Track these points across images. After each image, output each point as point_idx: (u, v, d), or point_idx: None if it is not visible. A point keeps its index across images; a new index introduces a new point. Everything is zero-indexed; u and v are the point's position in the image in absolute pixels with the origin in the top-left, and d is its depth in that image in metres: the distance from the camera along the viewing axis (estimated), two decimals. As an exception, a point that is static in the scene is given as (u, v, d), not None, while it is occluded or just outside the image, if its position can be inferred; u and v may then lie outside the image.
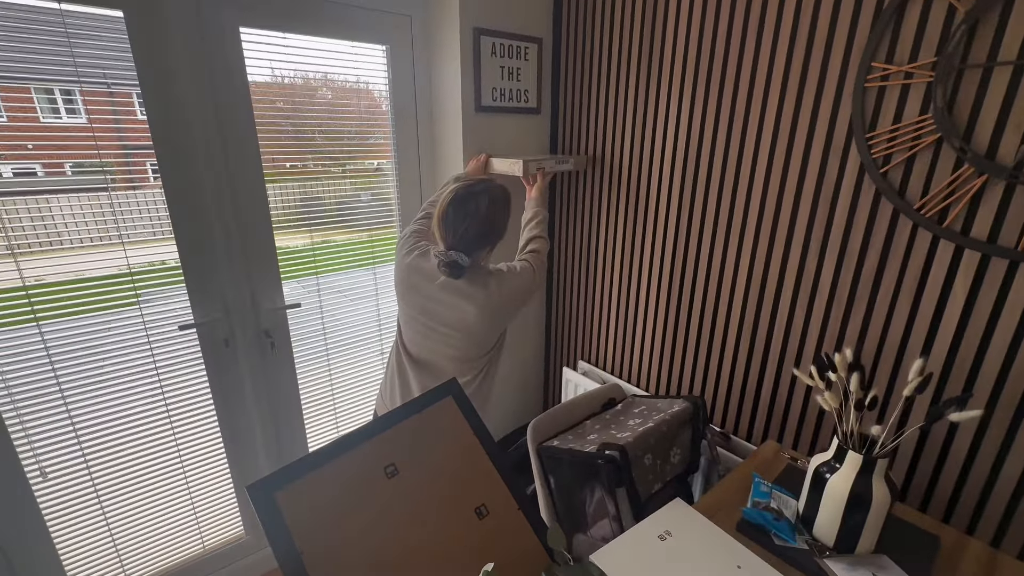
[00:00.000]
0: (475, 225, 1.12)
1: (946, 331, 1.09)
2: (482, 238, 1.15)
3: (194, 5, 1.24)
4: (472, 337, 1.24)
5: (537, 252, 1.32)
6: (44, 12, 1.10)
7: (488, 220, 1.13)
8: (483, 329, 1.23)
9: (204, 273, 1.41)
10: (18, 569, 1.30)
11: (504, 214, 1.19)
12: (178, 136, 1.29)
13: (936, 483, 1.16)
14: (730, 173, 1.38)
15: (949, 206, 1.03)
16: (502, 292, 1.19)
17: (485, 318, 1.20)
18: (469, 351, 1.26)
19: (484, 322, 1.21)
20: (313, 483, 0.78)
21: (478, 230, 1.13)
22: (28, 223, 1.19)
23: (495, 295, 1.18)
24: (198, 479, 1.55)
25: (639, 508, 1.15)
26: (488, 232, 1.15)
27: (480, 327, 1.22)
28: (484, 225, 1.13)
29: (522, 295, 1.24)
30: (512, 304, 1.24)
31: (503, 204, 1.18)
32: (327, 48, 1.50)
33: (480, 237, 1.14)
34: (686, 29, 1.39)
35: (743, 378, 1.48)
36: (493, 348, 1.32)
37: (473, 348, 1.26)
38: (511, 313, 1.27)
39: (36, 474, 1.29)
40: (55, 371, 1.25)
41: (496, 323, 1.25)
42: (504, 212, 1.19)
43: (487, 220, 1.13)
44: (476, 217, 1.12)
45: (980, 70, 0.95)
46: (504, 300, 1.21)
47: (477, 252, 1.16)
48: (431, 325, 1.24)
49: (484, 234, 1.14)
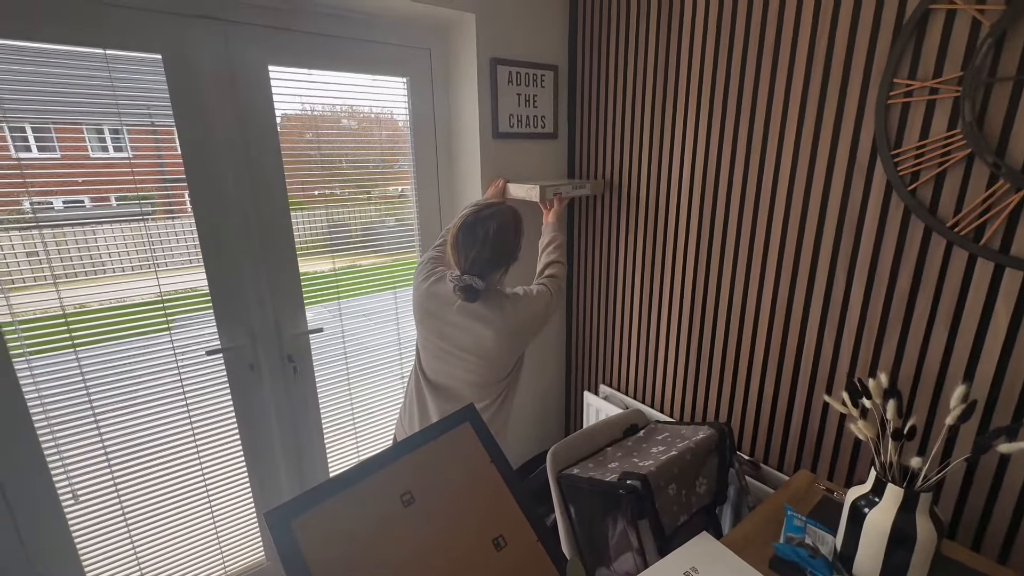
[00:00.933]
0: (486, 248, 1.13)
1: (990, 355, 1.02)
2: (494, 261, 1.15)
3: (225, 47, 1.32)
4: (489, 361, 1.23)
5: (555, 276, 1.32)
6: (90, 57, 1.19)
7: (499, 243, 1.14)
8: (500, 353, 1.22)
9: (231, 300, 1.46)
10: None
11: (514, 236, 1.19)
12: (209, 168, 1.36)
13: (989, 520, 1.08)
14: (751, 194, 1.36)
15: (986, 223, 0.99)
16: (518, 315, 1.19)
17: (502, 342, 1.20)
18: (487, 376, 1.26)
19: (501, 346, 1.21)
20: (329, 511, 0.77)
21: (490, 253, 1.14)
22: (75, 251, 1.26)
23: (511, 318, 1.18)
24: (221, 503, 1.57)
25: (663, 541, 1.10)
26: (499, 255, 1.16)
27: (497, 351, 1.21)
28: (495, 248, 1.14)
29: (538, 319, 1.24)
30: (528, 327, 1.23)
31: (513, 226, 1.18)
32: (350, 82, 1.56)
33: (492, 260, 1.15)
34: (700, 51, 1.40)
35: (772, 404, 1.42)
36: (511, 373, 1.31)
37: (491, 373, 1.26)
38: (528, 337, 1.26)
39: (68, 497, 1.33)
40: (90, 396, 1.30)
41: (513, 347, 1.24)
42: (514, 234, 1.19)
43: (498, 243, 1.14)
44: (486, 241, 1.13)
45: (1011, 83, 0.92)
46: (520, 323, 1.21)
47: (491, 275, 1.17)
48: (448, 349, 1.25)
49: (496, 257, 1.15)
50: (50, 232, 1.22)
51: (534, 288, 1.26)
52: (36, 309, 1.22)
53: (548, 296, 1.25)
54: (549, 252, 1.39)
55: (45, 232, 1.20)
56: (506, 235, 1.16)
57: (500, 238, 1.14)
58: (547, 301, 1.24)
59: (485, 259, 1.14)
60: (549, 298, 1.25)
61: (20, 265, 1.20)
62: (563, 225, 1.49)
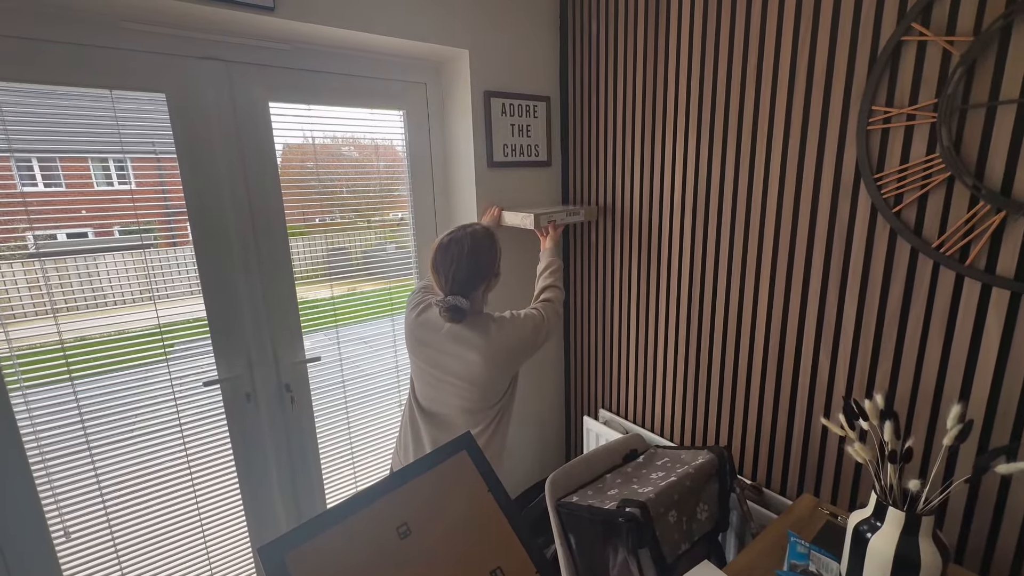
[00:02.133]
0: (463, 267, 1.16)
1: (984, 374, 1.03)
2: (472, 278, 1.18)
3: (228, 86, 1.37)
4: (479, 386, 1.24)
5: (550, 301, 1.34)
6: (96, 96, 1.23)
7: (474, 260, 1.17)
8: (489, 377, 1.23)
9: (229, 329, 1.46)
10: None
11: (488, 250, 1.21)
12: (209, 200, 1.39)
13: (995, 543, 1.06)
14: (740, 218, 1.38)
15: (970, 243, 1.00)
16: (504, 338, 1.20)
17: (489, 366, 1.20)
18: (478, 401, 1.26)
19: (489, 370, 1.21)
20: (324, 545, 0.76)
21: (466, 270, 1.17)
22: (76, 283, 1.27)
23: (497, 341, 1.20)
24: (216, 537, 1.54)
25: (665, 571, 1.07)
26: (476, 271, 1.18)
27: (485, 375, 1.22)
28: (471, 264, 1.17)
29: (526, 341, 1.24)
30: (516, 350, 1.23)
31: (485, 242, 1.21)
32: (348, 116, 1.61)
33: (470, 277, 1.18)
34: (687, 79, 1.45)
35: (771, 426, 1.41)
36: (503, 397, 1.30)
37: (482, 398, 1.26)
38: (517, 360, 1.26)
39: (60, 534, 1.30)
40: (85, 429, 1.29)
41: (501, 370, 1.24)
42: (487, 248, 1.21)
43: (473, 260, 1.17)
44: (462, 258, 1.16)
45: (984, 109, 0.95)
46: (507, 346, 1.21)
47: (472, 292, 1.19)
48: (439, 376, 1.26)
49: (473, 273, 1.18)
50: (52, 264, 1.23)
51: (523, 312, 1.27)
52: (34, 342, 1.23)
53: (539, 319, 1.26)
54: (545, 277, 1.41)
55: (47, 263, 1.22)
56: (480, 251, 1.19)
57: (474, 255, 1.18)
58: (536, 324, 1.25)
59: (463, 277, 1.17)
60: (540, 321, 1.26)
61: (21, 297, 1.21)
62: (559, 251, 1.51)
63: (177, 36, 1.29)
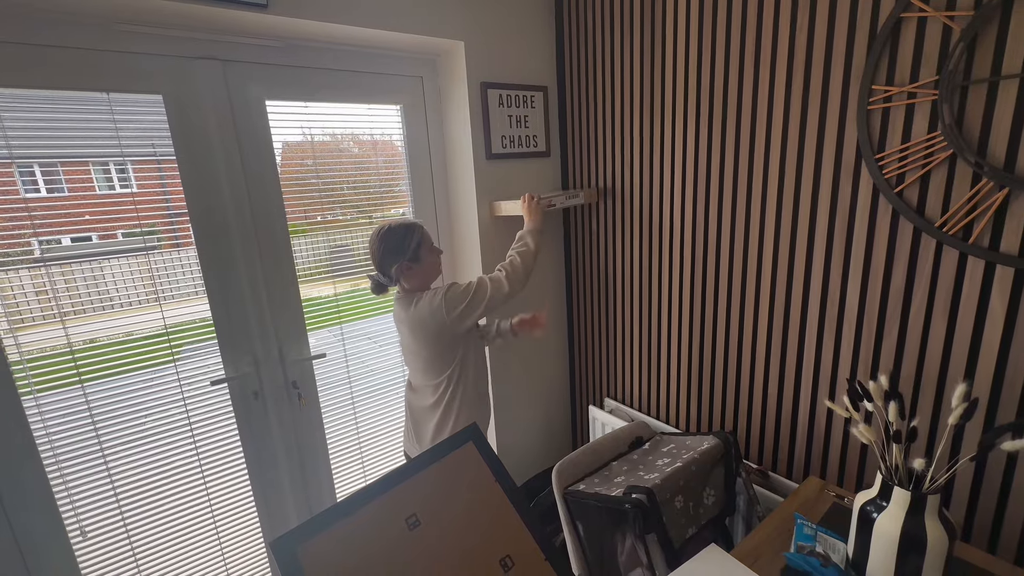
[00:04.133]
0: (377, 246, 1.35)
1: (988, 352, 1.02)
2: (386, 257, 1.35)
3: (224, 85, 1.37)
4: (418, 356, 1.39)
5: (502, 266, 1.43)
6: (95, 101, 1.23)
7: (384, 240, 1.34)
8: (419, 346, 1.37)
9: (234, 328, 1.47)
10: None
11: (399, 237, 1.35)
12: (210, 200, 1.39)
13: (1002, 521, 1.06)
14: (741, 202, 1.37)
15: (973, 221, 1.00)
16: (417, 308, 1.34)
17: (412, 334, 1.37)
18: (425, 370, 1.40)
19: (413, 339, 1.37)
20: (334, 537, 0.78)
21: (379, 249, 1.35)
22: (83, 287, 1.28)
23: (412, 312, 1.35)
24: (229, 533, 1.56)
25: (672, 555, 1.08)
26: (387, 251, 1.34)
27: (415, 344, 1.38)
28: (382, 244, 1.34)
29: (438, 311, 1.31)
30: (433, 318, 1.32)
31: (399, 230, 1.36)
32: (346, 111, 1.61)
33: (384, 256, 1.35)
34: (684, 62, 1.43)
35: (776, 410, 1.41)
36: (452, 365, 1.38)
37: (425, 369, 1.40)
38: (437, 327, 1.33)
39: (76, 533, 1.33)
40: (97, 431, 1.31)
41: (425, 338, 1.35)
42: (399, 236, 1.35)
43: (383, 240, 1.34)
44: (376, 240, 1.36)
45: (986, 85, 0.94)
46: (421, 316, 1.33)
47: (386, 268, 1.36)
48: (402, 349, 1.48)
49: (385, 253, 1.35)
50: (58, 269, 1.24)
51: (450, 283, 1.37)
52: (44, 346, 1.24)
53: (470, 286, 1.35)
54: (514, 247, 1.49)
55: (53, 269, 1.23)
56: (392, 234, 1.35)
57: (387, 235, 1.35)
58: (462, 291, 1.34)
59: (379, 257, 1.36)
60: (471, 288, 1.35)
61: (29, 303, 1.23)
62: (536, 221, 1.53)
63: (172, 37, 1.29)
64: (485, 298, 1.34)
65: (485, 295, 1.34)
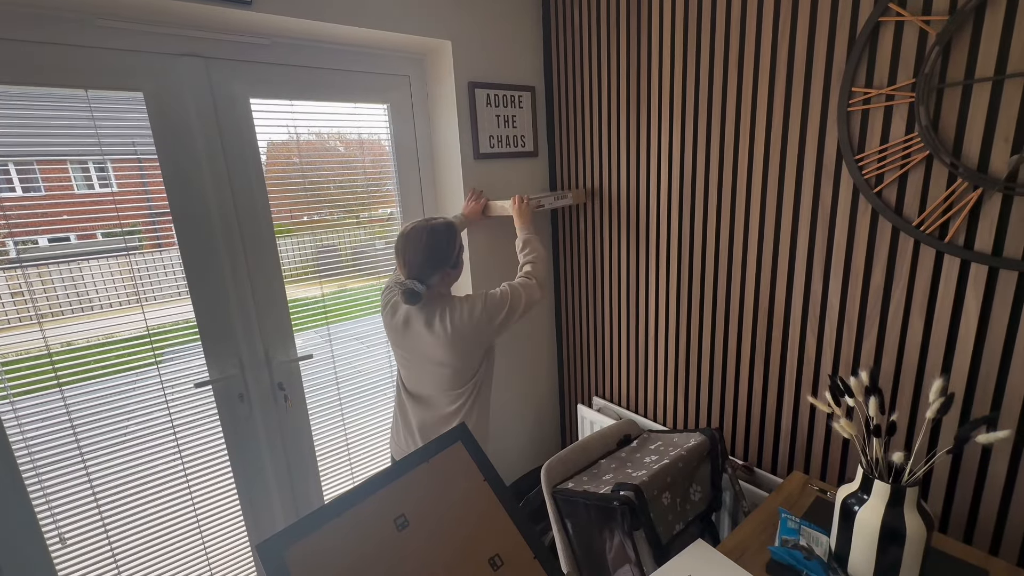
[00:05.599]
0: (420, 253, 1.24)
1: (964, 348, 1.05)
2: (428, 263, 1.24)
3: (207, 83, 1.34)
4: (448, 366, 1.30)
5: (527, 274, 1.39)
6: (73, 98, 1.21)
7: (429, 247, 1.24)
8: (454, 356, 1.28)
9: (219, 330, 1.45)
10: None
11: (445, 241, 1.27)
12: (193, 200, 1.37)
13: (978, 511, 1.09)
14: (726, 200, 1.39)
15: (948, 221, 1.02)
16: (455, 321, 1.25)
17: (447, 346, 1.26)
18: (451, 379, 1.32)
19: (450, 350, 1.27)
20: (322, 539, 0.77)
21: (423, 256, 1.24)
22: (61, 289, 1.25)
23: (449, 325, 1.25)
24: (214, 537, 1.54)
25: (660, 551, 1.09)
26: (431, 257, 1.24)
27: (449, 355, 1.28)
28: (427, 251, 1.24)
29: (480, 320, 1.26)
30: (471, 329, 1.26)
31: (444, 234, 1.28)
32: (332, 111, 1.59)
33: (426, 263, 1.24)
34: (670, 63, 1.45)
35: (761, 406, 1.44)
36: (477, 374, 1.35)
37: (453, 377, 1.31)
38: (476, 338, 1.28)
39: (55, 541, 1.29)
40: (76, 435, 1.28)
41: (464, 349, 1.28)
42: (445, 239, 1.27)
43: (429, 247, 1.24)
44: (419, 246, 1.24)
45: (960, 87, 0.97)
46: (463, 327, 1.25)
47: (429, 278, 1.25)
48: (413, 360, 1.34)
49: (428, 260, 1.24)
50: (35, 270, 1.21)
51: (488, 291, 1.30)
52: (20, 349, 1.21)
53: (500, 296, 1.29)
54: (524, 254, 1.46)
55: (30, 271, 1.20)
56: (437, 241, 1.26)
57: (431, 243, 1.25)
58: (494, 301, 1.28)
59: (420, 262, 1.24)
60: (500, 298, 1.29)
61: (4, 305, 1.19)
62: (528, 224, 1.53)
63: (153, 33, 1.26)
64: (520, 305, 1.31)
65: (520, 302, 1.31)
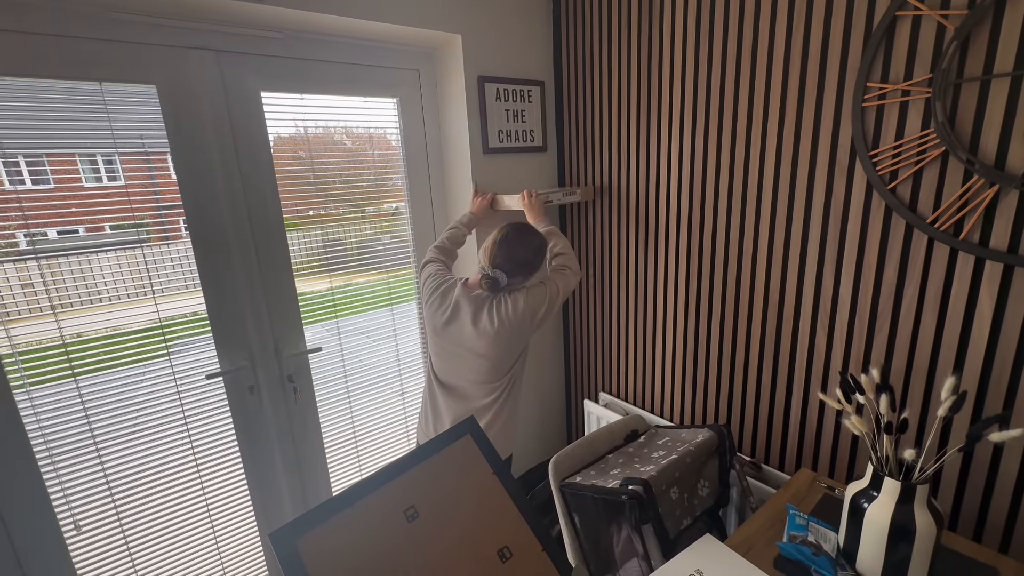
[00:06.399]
0: (528, 253, 1.30)
1: (977, 346, 1.04)
2: (527, 267, 1.31)
3: (219, 76, 1.35)
4: (490, 359, 1.33)
5: (562, 267, 1.41)
6: (86, 90, 1.21)
7: (534, 253, 1.31)
8: (495, 350, 1.32)
9: (230, 322, 1.47)
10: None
11: (542, 258, 1.34)
12: (205, 193, 1.38)
13: (988, 510, 1.09)
14: (737, 196, 1.39)
15: (963, 218, 1.02)
16: (501, 315, 1.29)
17: (493, 339, 1.30)
18: (490, 372, 1.35)
19: (493, 343, 1.31)
20: (333, 529, 0.78)
21: (528, 258, 1.30)
22: (71, 281, 1.26)
23: (496, 318, 1.29)
24: (224, 526, 1.56)
25: (668, 546, 1.10)
26: (532, 263, 1.31)
27: (491, 348, 1.31)
28: (534, 256, 1.31)
29: (536, 313, 1.31)
30: (520, 323, 1.30)
31: (543, 249, 1.36)
32: (341, 104, 1.60)
33: (526, 265, 1.30)
34: (682, 58, 1.44)
35: (769, 403, 1.44)
36: (514, 366, 1.38)
37: (492, 370, 1.35)
38: (526, 331, 1.33)
39: (71, 528, 1.32)
40: (90, 425, 1.30)
41: (512, 342, 1.33)
42: (542, 257, 1.34)
43: (537, 253, 1.32)
44: (531, 248, 1.30)
45: (978, 83, 0.96)
46: (507, 321, 1.29)
47: (514, 276, 1.30)
48: (454, 351, 1.36)
49: (528, 264, 1.30)
50: (46, 263, 1.23)
51: (536, 287, 1.34)
52: (35, 340, 1.23)
53: (549, 292, 1.33)
54: (552, 247, 1.47)
55: (42, 263, 1.22)
56: (540, 251, 1.34)
57: (537, 250, 1.33)
58: (547, 297, 1.32)
59: (522, 262, 1.29)
60: (551, 293, 1.33)
61: (15, 297, 1.21)
62: (542, 216, 1.55)
63: (165, 26, 1.27)
64: (560, 297, 1.34)
65: (559, 294, 1.34)
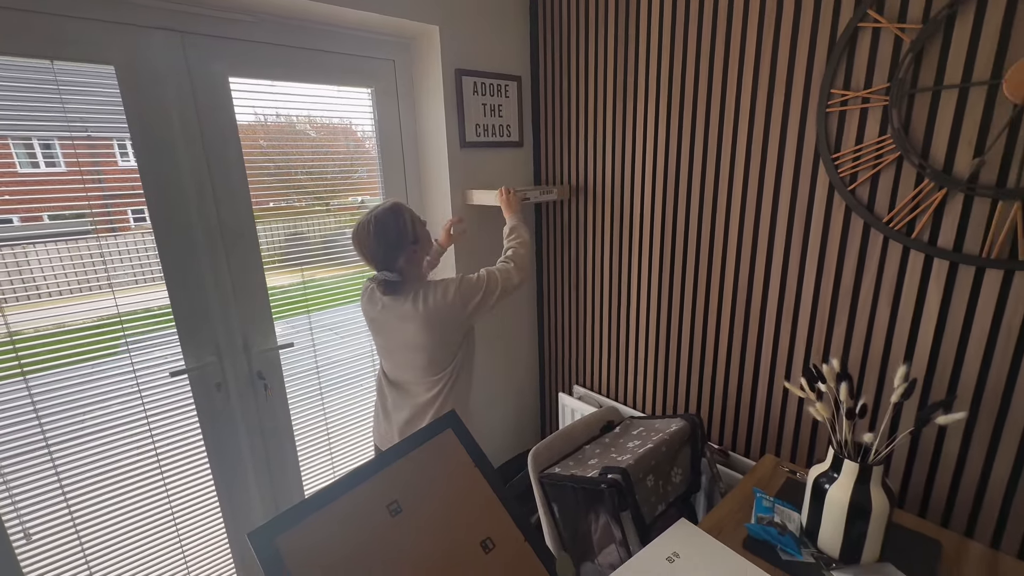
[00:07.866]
0: (373, 242, 1.23)
1: (925, 337, 1.13)
2: (388, 249, 1.24)
3: (183, 60, 1.28)
4: (425, 351, 1.30)
5: (507, 258, 1.39)
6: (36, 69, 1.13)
7: (379, 234, 1.23)
8: (429, 342, 1.29)
9: (195, 317, 1.40)
10: (-2, 641, 1.23)
11: (392, 222, 1.25)
12: (168, 182, 1.31)
13: (932, 487, 1.18)
14: (708, 195, 1.44)
15: (915, 218, 1.09)
16: (428, 304, 1.26)
17: (422, 327, 1.27)
18: (428, 366, 1.32)
19: (426, 335, 1.27)
20: (315, 526, 0.77)
21: (377, 244, 1.24)
22: (4, 274, 1.17)
23: (422, 308, 1.26)
24: (190, 531, 1.50)
25: (644, 531, 1.14)
26: (386, 242, 1.24)
27: (425, 339, 1.28)
28: (379, 238, 1.23)
29: (455, 304, 1.26)
30: (446, 313, 1.27)
31: (388, 218, 1.25)
32: (313, 93, 1.55)
33: (386, 249, 1.24)
34: (657, 59, 1.47)
35: (737, 393, 1.50)
36: (456, 359, 1.35)
37: (430, 363, 1.32)
38: (451, 322, 1.29)
39: (19, 536, 1.23)
40: (42, 426, 1.22)
41: (441, 334, 1.29)
42: (392, 221, 1.25)
43: (378, 234, 1.23)
44: (370, 237, 1.23)
45: (930, 93, 1.03)
46: (438, 311, 1.26)
47: (395, 262, 1.26)
48: (390, 348, 1.36)
49: (385, 247, 1.24)
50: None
51: (462, 276, 1.31)
52: (-21, 336, 1.14)
53: (476, 280, 1.29)
54: (510, 239, 1.46)
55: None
56: (384, 228, 1.24)
57: (379, 229, 1.24)
58: (470, 285, 1.28)
59: (379, 252, 1.24)
60: (476, 282, 1.29)
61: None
62: (517, 211, 1.53)
63: (127, 2, 1.19)
64: (497, 289, 1.30)
65: (497, 286, 1.30)
